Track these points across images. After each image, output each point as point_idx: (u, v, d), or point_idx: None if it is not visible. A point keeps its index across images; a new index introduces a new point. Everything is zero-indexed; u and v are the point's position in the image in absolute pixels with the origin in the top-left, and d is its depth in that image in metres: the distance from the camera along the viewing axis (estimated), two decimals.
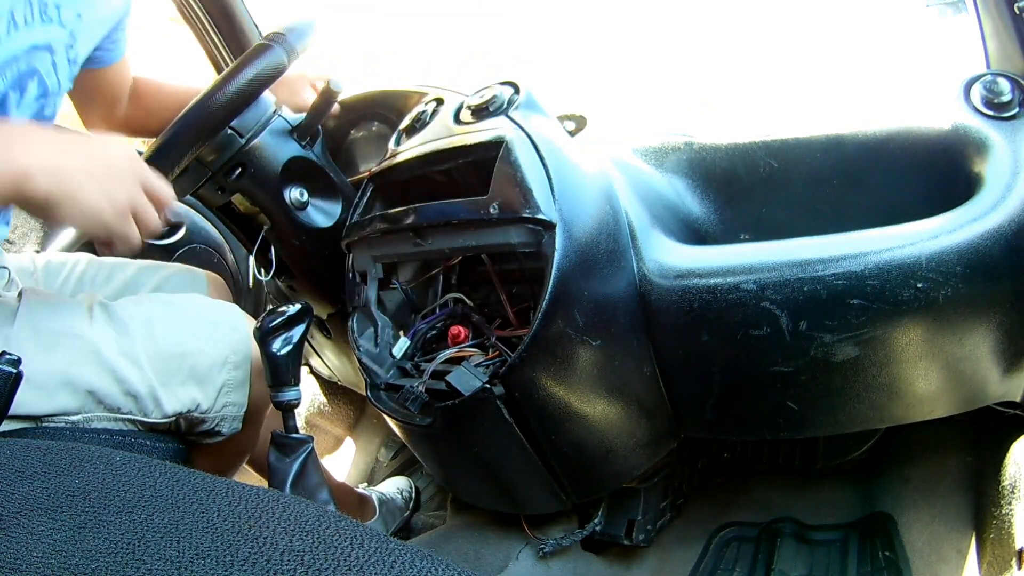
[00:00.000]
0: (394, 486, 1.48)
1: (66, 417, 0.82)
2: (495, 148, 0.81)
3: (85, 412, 0.83)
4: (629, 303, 0.84)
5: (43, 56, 0.84)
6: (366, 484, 1.65)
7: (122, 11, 1.00)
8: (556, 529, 1.11)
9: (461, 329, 0.91)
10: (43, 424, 0.82)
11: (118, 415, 0.84)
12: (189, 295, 0.98)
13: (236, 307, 0.99)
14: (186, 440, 0.94)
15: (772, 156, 0.96)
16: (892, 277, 0.74)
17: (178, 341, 0.88)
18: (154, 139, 0.91)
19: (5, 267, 0.95)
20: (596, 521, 1.10)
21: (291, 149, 1.01)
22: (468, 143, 0.85)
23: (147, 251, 1.58)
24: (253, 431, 1.02)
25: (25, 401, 0.78)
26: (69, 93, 0.98)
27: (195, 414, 0.88)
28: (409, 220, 0.87)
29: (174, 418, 0.87)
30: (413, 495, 1.48)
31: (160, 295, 0.99)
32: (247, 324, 0.95)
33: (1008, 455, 0.89)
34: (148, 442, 0.88)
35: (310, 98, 1.12)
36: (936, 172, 0.86)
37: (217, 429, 0.92)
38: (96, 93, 1.06)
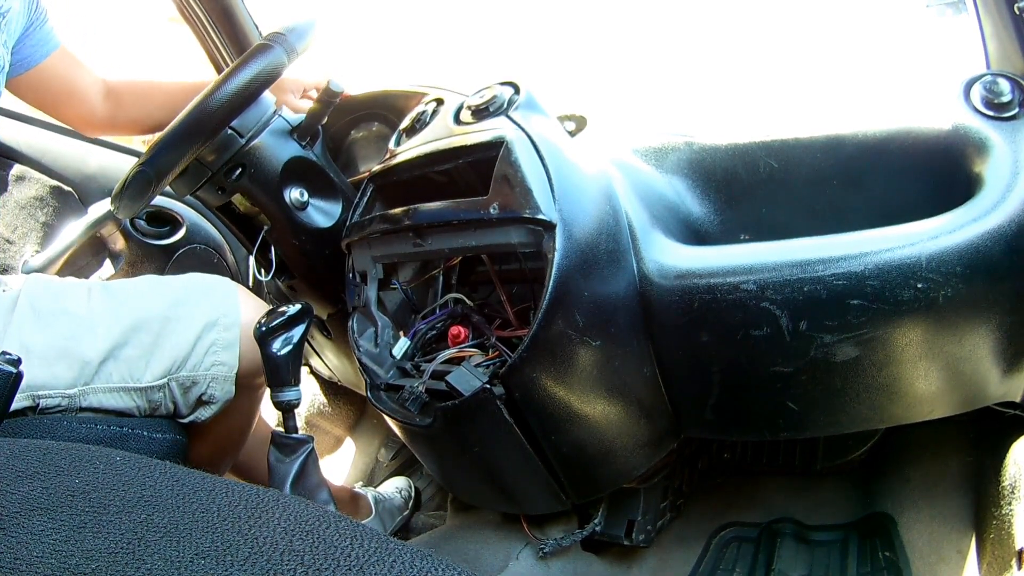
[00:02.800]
0: (393, 486, 1.48)
1: (62, 392, 0.84)
2: (495, 148, 0.82)
3: (80, 385, 0.85)
4: (629, 303, 0.84)
5: None
6: (362, 483, 1.65)
7: (26, 17, 1.00)
8: (556, 529, 1.11)
9: (461, 329, 0.91)
10: (40, 401, 0.83)
11: (111, 384, 0.86)
12: (187, 273, 1.02)
13: (228, 278, 1.02)
14: (183, 428, 0.95)
15: (772, 156, 0.96)
16: (892, 277, 0.74)
17: (172, 305, 0.92)
18: (154, 139, 0.91)
19: None
20: (596, 521, 1.10)
21: (291, 149, 1.01)
22: (468, 143, 0.85)
23: (147, 251, 1.58)
24: (248, 401, 1.04)
25: (25, 376, 0.80)
26: (34, 104, 1.04)
27: (184, 373, 0.90)
28: (409, 220, 0.87)
29: (165, 381, 0.90)
30: (413, 495, 1.48)
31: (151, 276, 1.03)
32: (238, 291, 0.99)
33: (1008, 455, 0.89)
34: (146, 432, 0.89)
35: (298, 103, 1.14)
36: (936, 172, 0.86)
37: (210, 393, 0.93)
38: (48, 92, 1.08)
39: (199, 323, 0.93)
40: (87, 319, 0.87)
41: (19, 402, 0.82)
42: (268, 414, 1.28)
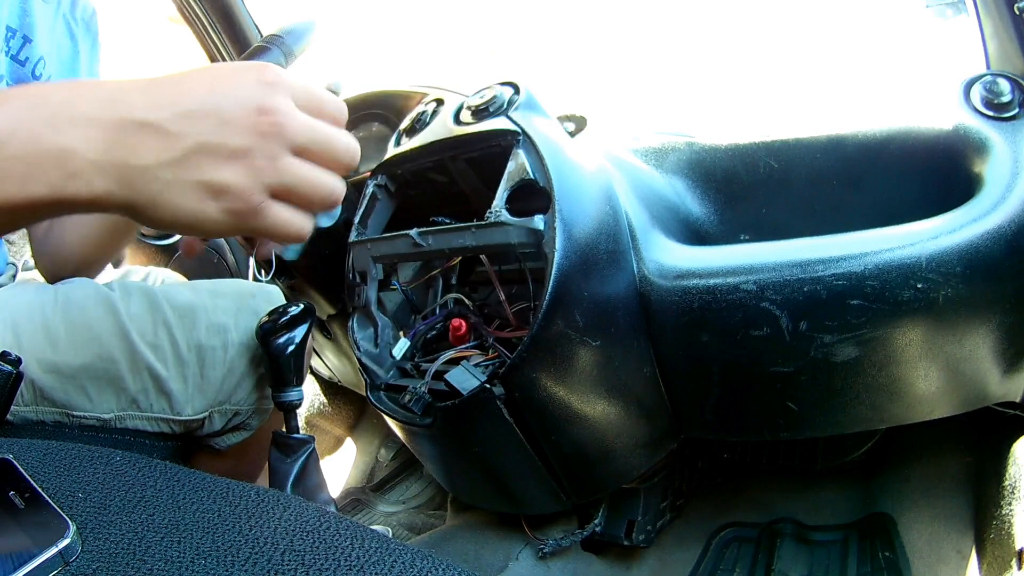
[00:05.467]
0: None
1: (99, 416, 0.82)
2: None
3: (118, 411, 0.82)
4: (629, 303, 0.84)
5: None
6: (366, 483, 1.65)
7: None
8: (556, 529, 1.11)
9: (461, 330, 0.91)
10: (75, 420, 0.81)
11: (150, 414, 0.84)
12: (235, 281, 0.96)
13: (279, 292, 0.96)
14: (207, 445, 0.93)
15: (772, 156, 0.96)
16: (892, 277, 0.74)
17: (219, 332, 0.86)
18: None
19: (13, 263, 0.95)
20: (596, 522, 1.10)
21: None
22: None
23: (148, 252, 1.58)
24: (279, 423, 1.01)
25: (60, 394, 0.78)
26: None
27: (229, 406, 0.87)
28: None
29: (207, 413, 0.86)
30: None
31: (206, 282, 0.96)
32: None
33: (1008, 455, 0.89)
34: (148, 441, 0.88)
35: None
36: (936, 172, 0.86)
37: (248, 422, 0.91)
38: None
39: (246, 356, 0.88)
40: (125, 339, 0.82)
41: (52, 417, 0.81)
42: None
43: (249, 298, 0.91)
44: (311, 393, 1.79)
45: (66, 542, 0.35)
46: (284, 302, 0.95)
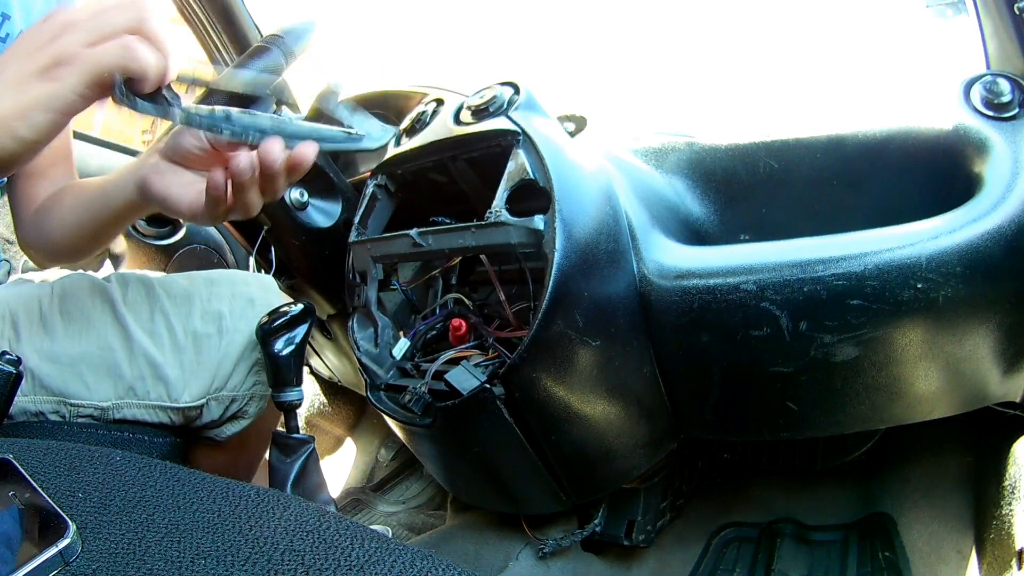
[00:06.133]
0: None
1: (96, 404, 0.82)
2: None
3: (115, 399, 0.82)
4: (629, 303, 0.84)
5: None
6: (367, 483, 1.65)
7: None
8: (556, 529, 1.11)
9: (462, 327, 0.91)
10: (72, 409, 0.81)
11: (148, 402, 0.84)
12: (230, 271, 0.97)
13: (273, 282, 0.96)
14: (207, 438, 0.93)
15: (772, 157, 0.96)
16: (892, 278, 0.74)
17: (215, 319, 0.86)
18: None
19: (7, 260, 0.95)
20: (596, 522, 1.10)
21: None
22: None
23: (147, 252, 1.58)
24: (276, 414, 1.00)
25: (58, 383, 0.79)
26: None
27: (225, 392, 0.87)
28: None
29: (204, 400, 0.86)
30: None
31: (202, 272, 0.96)
32: (282, 301, 0.94)
33: (1008, 455, 0.89)
34: (147, 437, 0.88)
35: None
36: (936, 172, 0.86)
37: (245, 409, 0.91)
38: None
39: (241, 342, 0.88)
40: (122, 327, 0.83)
41: (50, 406, 0.81)
42: None
43: (244, 286, 0.91)
44: (311, 393, 1.79)
45: (66, 542, 0.35)
46: (278, 290, 0.96)
